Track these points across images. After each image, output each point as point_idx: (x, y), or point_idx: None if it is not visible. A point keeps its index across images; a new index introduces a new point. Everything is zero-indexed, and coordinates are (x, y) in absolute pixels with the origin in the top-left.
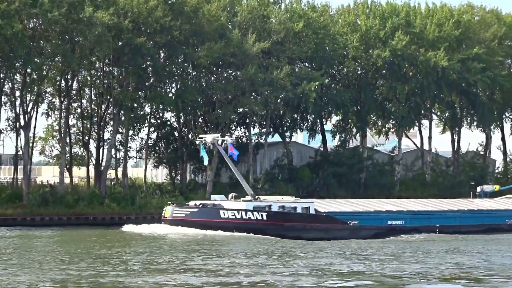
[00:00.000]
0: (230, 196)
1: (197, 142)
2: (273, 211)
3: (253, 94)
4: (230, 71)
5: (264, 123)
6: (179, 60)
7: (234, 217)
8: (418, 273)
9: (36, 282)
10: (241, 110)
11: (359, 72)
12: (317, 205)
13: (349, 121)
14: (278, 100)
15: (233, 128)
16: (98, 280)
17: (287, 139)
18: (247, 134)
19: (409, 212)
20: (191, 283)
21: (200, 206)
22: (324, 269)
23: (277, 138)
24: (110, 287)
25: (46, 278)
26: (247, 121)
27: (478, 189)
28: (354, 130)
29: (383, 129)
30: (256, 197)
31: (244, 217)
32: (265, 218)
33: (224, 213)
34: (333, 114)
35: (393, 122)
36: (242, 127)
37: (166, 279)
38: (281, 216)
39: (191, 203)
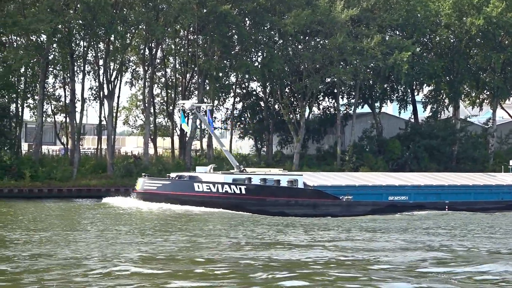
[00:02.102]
0: (208, 168)
1: (176, 109)
2: (253, 185)
3: (342, 63)
4: (317, 40)
5: (353, 93)
6: (265, 28)
7: (209, 190)
8: None
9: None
10: (329, 79)
11: (452, 40)
12: (307, 179)
13: (441, 91)
14: (368, 70)
15: (321, 98)
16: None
17: (377, 110)
18: (335, 104)
19: (413, 187)
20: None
21: (176, 178)
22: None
23: (366, 109)
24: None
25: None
26: (335, 91)
27: (511, 162)
28: (447, 101)
29: (477, 100)
30: (242, 169)
31: (220, 190)
32: (243, 192)
33: (198, 186)
34: (424, 85)
35: (488, 92)
36: (329, 97)
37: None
38: (262, 190)
39: (171, 175)
